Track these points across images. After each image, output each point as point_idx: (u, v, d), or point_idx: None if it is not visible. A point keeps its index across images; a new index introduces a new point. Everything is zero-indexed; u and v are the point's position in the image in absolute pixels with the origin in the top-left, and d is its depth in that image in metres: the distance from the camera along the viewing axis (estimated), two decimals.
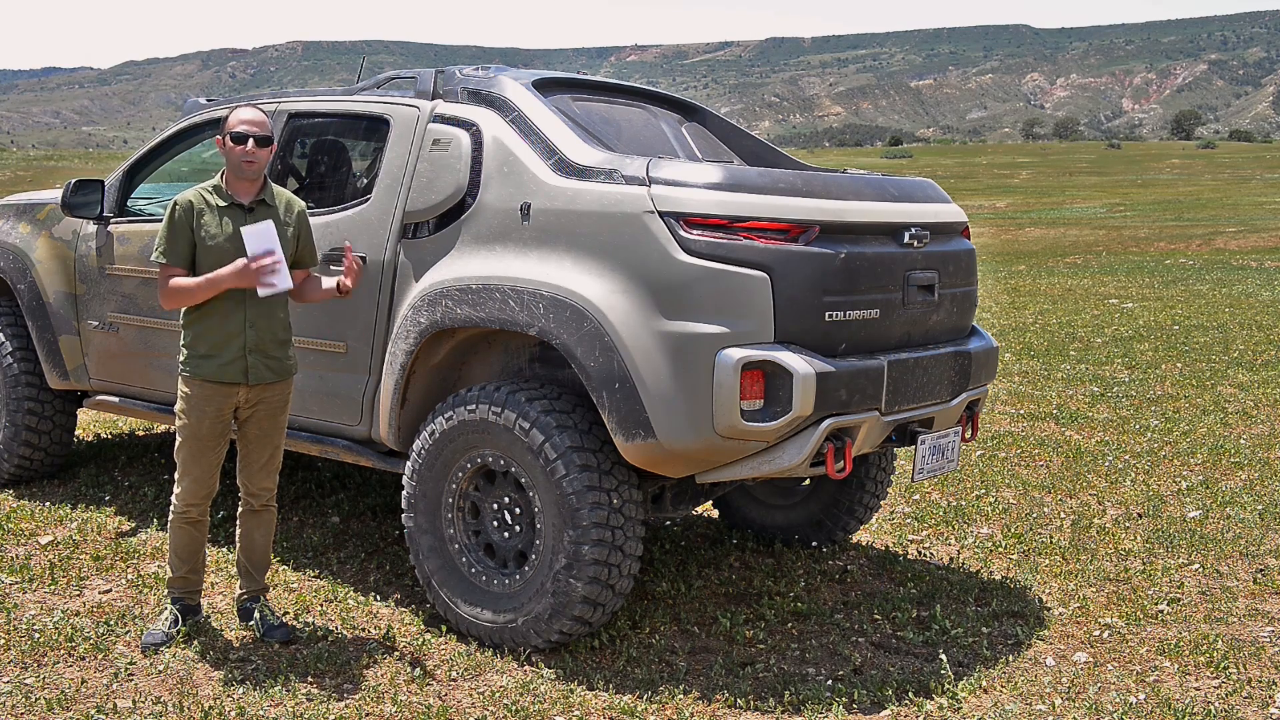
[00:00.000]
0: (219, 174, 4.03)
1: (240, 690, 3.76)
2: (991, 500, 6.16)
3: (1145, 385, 9.45)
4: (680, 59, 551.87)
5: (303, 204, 4.16)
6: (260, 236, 3.85)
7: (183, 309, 4.01)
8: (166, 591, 4.33)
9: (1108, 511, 6.00)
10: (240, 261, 3.86)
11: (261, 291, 3.87)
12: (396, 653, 4.09)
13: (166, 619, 4.18)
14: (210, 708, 3.62)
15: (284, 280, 3.86)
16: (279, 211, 4.04)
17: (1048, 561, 5.19)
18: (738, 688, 3.86)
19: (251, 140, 3.93)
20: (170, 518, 4.15)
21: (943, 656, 4.07)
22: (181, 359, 4.02)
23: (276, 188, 4.12)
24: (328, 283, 4.15)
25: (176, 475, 4.09)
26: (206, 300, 3.93)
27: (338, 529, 5.45)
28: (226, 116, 3.99)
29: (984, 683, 3.93)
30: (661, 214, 3.79)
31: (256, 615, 4.22)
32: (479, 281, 4.09)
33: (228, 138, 3.94)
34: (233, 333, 3.97)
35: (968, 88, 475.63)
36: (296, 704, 3.67)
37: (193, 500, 4.10)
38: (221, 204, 3.98)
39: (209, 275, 3.90)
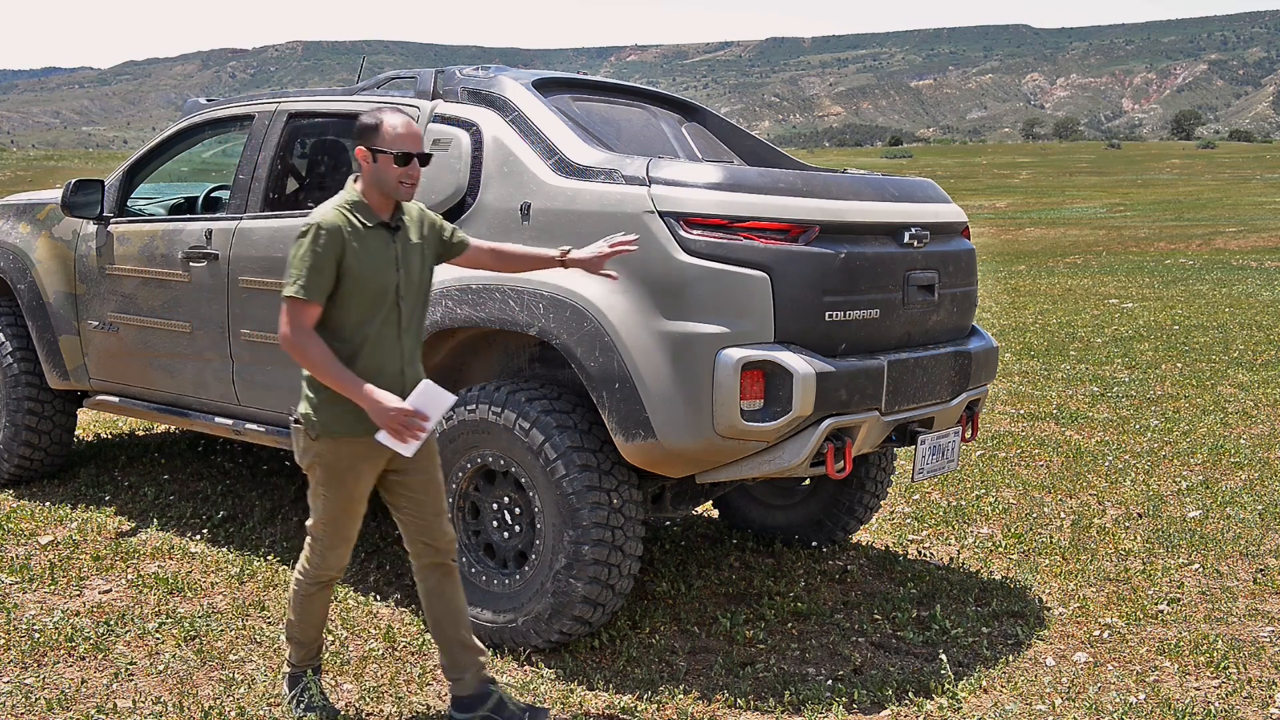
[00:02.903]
0: (352, 187, 3.36)
1: (240, 690, 3.76)
2: (991, 500, 6.16)
3: (1145, 385, 9.45)
4: (680, 59, 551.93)
5: (422, 205, 3.56)
6: (430, 397, 3.22)
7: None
8: (290, 666, 3.62)
9: (1108, 511, 6.00)
10: (391, 402, 3.17)
11: (388, 441, 3.19)
12: (396, 653, 4.09)
13: (311, 696, 3.56)
14: (210, 708, 3.62)
15: (411, 450, 3.22)
16: (411, 227, 3.43)
17: (1048, 561, 5.19)
18: (738, 688, 3.86)
19: (415, 160, 3.31)
20: (302, 588, 3.49)
21: (943, 656, 4.07)
22: (317, 415, 3.29)
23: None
24: (544, 251, 3.68)
25: (317, 544, 3.44)
26: (357, 341, 3.29)
27: None
28: (376, 125, 3.28)
29: (984, 683, 3.93)
30: (661, 214, 3.80)
31: (496, 697, 3.52)
32: (479, 281, 4.09)
33: (385, 156, 3.27)
34: (391, 374, 3.33)
35: (968, 88, 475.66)
36: None
37: (340, 565, 3.49)
38: (368, 224, 3.31)
39: (349, 377, 3.19)
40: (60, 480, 6.19)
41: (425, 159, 3.34)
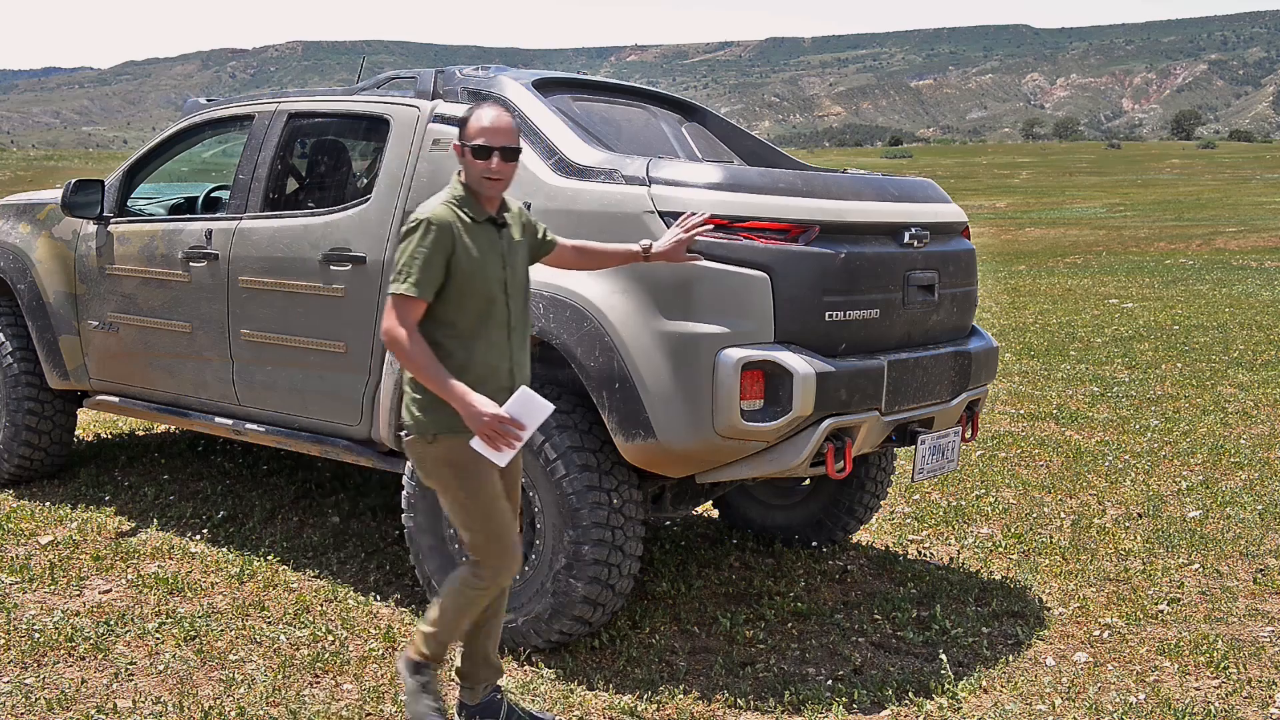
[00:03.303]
0: (457, 182, 3.27)
1: (240, 690, 3.76)
2: (991, 500, 6.16)
3: (1145, 385, 9.45)
4: (680, 59, 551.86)
5: (520, 205, 3.50)
6: (528, 404, 3.11)
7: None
8: (420, 657, 3.40)
9: (1108, 511, 6.00)
10: (488, 407, 3.06)
11: (481, 448, 3.09)
12: (396, 653, 4.09)
13: (437, 693, 3.42)
14: (210, 708, 3.62)
15: (505, 459, 3.14)
16: (514, 225, 3.37)
17: (1048, 561, 5.19)
18: (738, 688, 3.86)
19: (497, 156, 3.20)
20: (475, 598, 3.29)
21: (943, 656, 4.07)
22: (431, 415, 3.18)
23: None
24: (626, 246, 3.65)
25: (483, 554, 3.26)
26: (466, 340, 3.21)
27: (338, 529, 5.45)
28: (465, 118, 3.24)
29: (984, 683, 3.93)
30: (661, 214, 3.80)
31: (506, 706, 3.50)
32: None
33: (467, 149, 3.21)
34: (502, 374, 3.27)
35: (968, 88, 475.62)
36: (296, 704, 3.67)
37: (514, 565, 3.31)
38: (476, 219, 3.23)
39: (447, 378, 3.09)
40: (60, 480, 6.19)
41: (510, 153, 3.22)
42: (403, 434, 3.27)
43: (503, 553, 3.26)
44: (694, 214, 3.68)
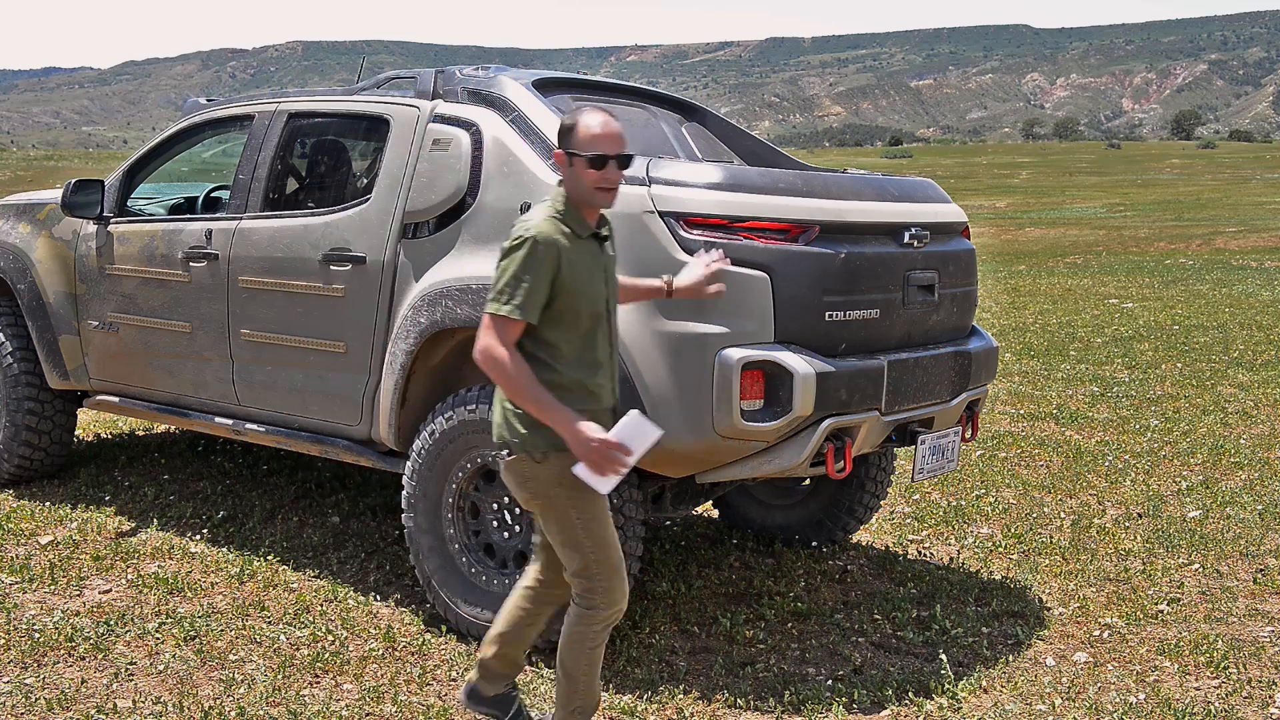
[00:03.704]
0: (558, 193, 3.09)
1: (240, 690, 3.76)
2: (991, 500, 6.16)
3: (1145, 385, 9.45)
4: (680, 59, 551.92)
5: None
6: (636, 429, 2.96)
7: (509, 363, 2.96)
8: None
9: (1108, 511, 6.00)
10: (594, 432, 2.92)
11: (585, 474, 2.95)
12: (396, 653, 4.09)
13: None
14: (210, 708, 3.62)
15: (609, 486, 2.99)
16: (612, 238, 3.25)
17: (1048, 561, 5.19)
18: (738, 688, 3.86)
19: (613, 163, 3.04)
20: (587, 627, 3.13)
21: (943, 656, 4.07)
22: (537, 434, 3.02)
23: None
24: (649, 281, 3.52)
25: (596, 581, 3.09)
26: (569, 361, 3.06)
27: (338, 529, 5.45)
28: (572, 126, 3.04)
29: (984, 683, 3.93)
30: (661, 214, 3.80)
31: (516, 706, 3.47)
32: (479, 281, 4.09)
33: (580, 160, 3.01)
34: (610, 396, 3.17)
35: (968, 88, 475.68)
36: (297, 704, 3.67)
37: (625, 595, 3.15)
38: (580, 235, 3.07)
39: (550, 401, 2.95)
40: (60, 480, 6.19)
41: (626, 160, 3.06)
42: (504, 454, 3.10)
43: (614, 572, 3.09)
44: (713, 250, 3.57)
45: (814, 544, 5.33)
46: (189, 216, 5.43)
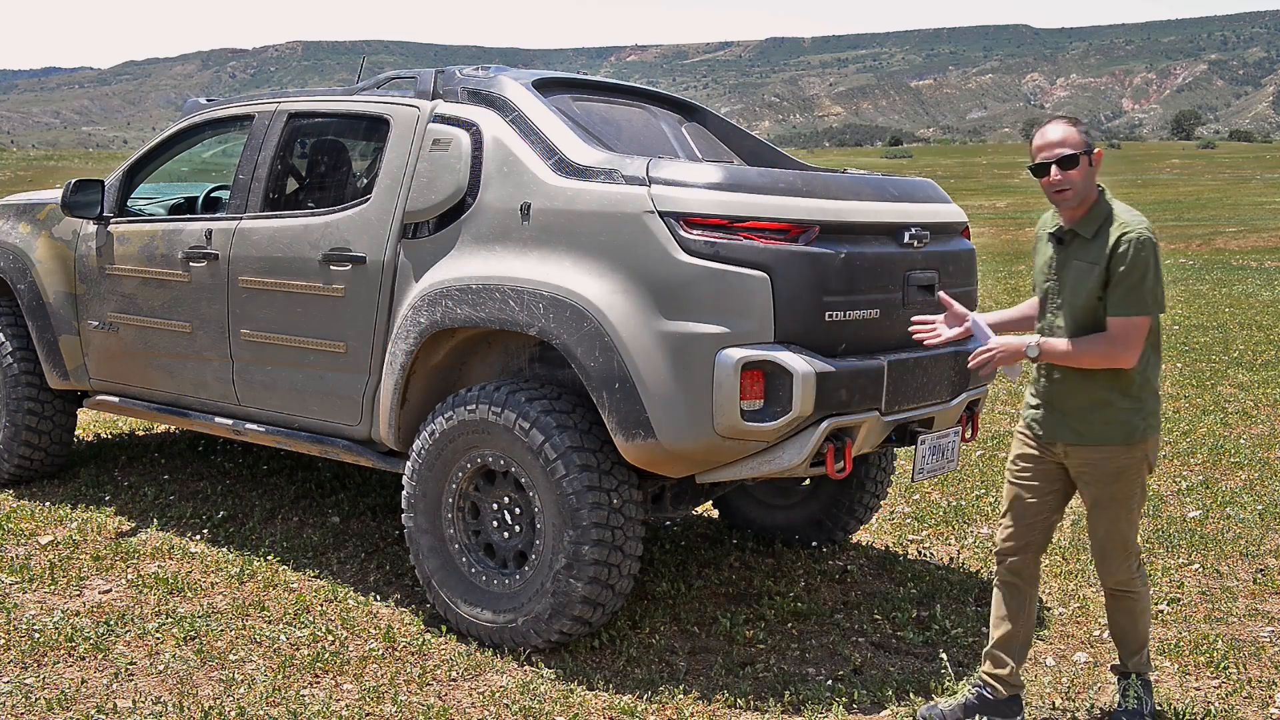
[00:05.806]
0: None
1: (240, 690, 3.76)
2: (991, 500, 6.16)
3: None
4: (680, 59, 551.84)
5: (1138, 237, 3.28)
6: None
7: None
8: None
9: None
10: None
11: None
12: (396, 653, 4.09)
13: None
14: (210, 708, 3.62)
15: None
16: (1092, 246, 3.33)
17: (1048, 561, 5.18)
18: (738, 688, 3.86)
19: (1054, 168, 3.30)
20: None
21: (943, 656, 4.07)
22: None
23: (1119, 211, 3.35)
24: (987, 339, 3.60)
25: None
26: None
27: (338, 529, 5.45)
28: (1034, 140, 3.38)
29: None
30: (661, 214, 3.80)
31: (1124, 692, 3.62)
32: (479, 281, 4.09)
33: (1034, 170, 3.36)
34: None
35: (968, 88, 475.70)
36: (297, 704, 3.67)
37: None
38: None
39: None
40: (60, 480, 6.19)
41: (1069, 161, 3.29)
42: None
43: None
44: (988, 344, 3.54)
45: (814, 544, 5.33)
46: (189, 216, 5.43)
